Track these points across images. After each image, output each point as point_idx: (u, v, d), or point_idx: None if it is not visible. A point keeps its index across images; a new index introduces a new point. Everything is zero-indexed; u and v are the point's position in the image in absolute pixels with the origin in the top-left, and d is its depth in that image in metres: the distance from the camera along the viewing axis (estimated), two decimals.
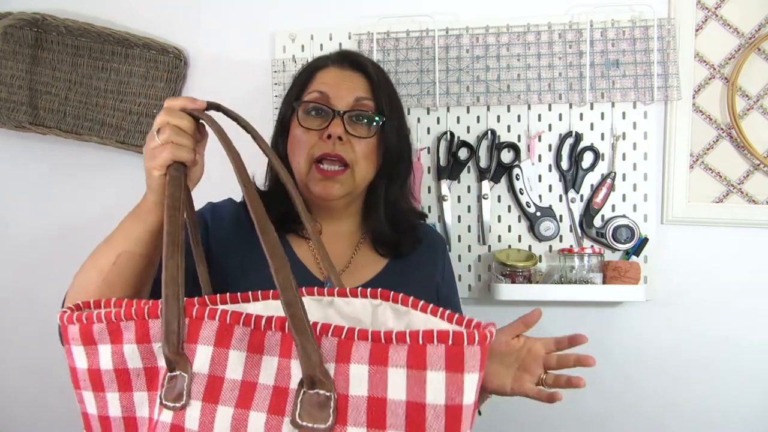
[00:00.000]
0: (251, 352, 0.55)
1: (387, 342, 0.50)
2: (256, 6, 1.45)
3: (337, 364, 0.51)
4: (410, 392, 0.49)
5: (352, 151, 0.92)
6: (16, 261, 1.52)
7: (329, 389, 0.51)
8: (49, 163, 1.50)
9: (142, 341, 0.58)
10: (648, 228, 1.33)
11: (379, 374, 0.50)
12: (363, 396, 0.50)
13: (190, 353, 0.56)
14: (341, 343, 0.52)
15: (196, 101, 0.71)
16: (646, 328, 1.36)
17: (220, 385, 0.54)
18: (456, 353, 0.48)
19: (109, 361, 0.59)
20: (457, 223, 1.38)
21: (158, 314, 0.57)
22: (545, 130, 1.36)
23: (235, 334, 0.55)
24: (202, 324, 0.56)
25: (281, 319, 0.54)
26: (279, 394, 0.53)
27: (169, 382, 0.56)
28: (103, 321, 0.59)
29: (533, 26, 1.35)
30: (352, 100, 0.93)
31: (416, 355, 0.49)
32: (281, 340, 0.54)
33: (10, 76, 1.44)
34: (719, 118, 1.33)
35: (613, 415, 1.37)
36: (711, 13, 1.32)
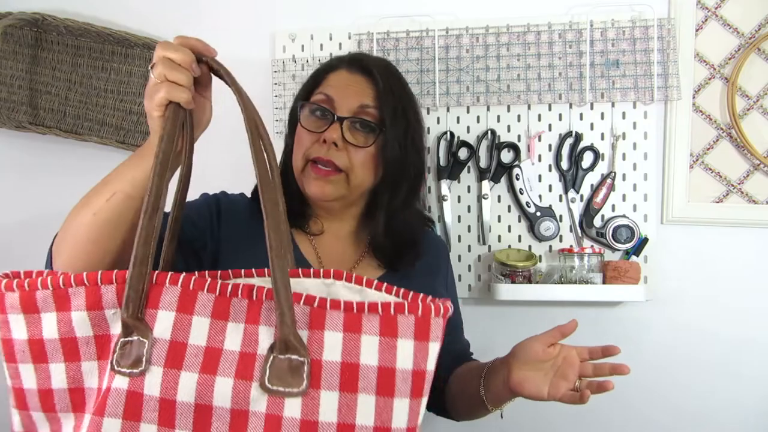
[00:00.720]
0: (216, 318, 0.55)
1: (359, 312, 0.53)
2: (256, 6, 1.45)
3: (310, 330, 0.54)
4: (382, 358, 0.53)
5: (347, 157, 0.90)
6: (16, 261, 1.52)
7: (303, 354, 0.53)
8: (49, 163, 1.50)
9: (94, 308, 0.56)
10: (648, 228, 1.33)
11: (353, 341, 0.53)
12: (336, 361, 0.53)
13: (150, 319, 0.55)
14: (314, 311, 0.54)
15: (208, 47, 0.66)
16: (646, 328, 1.36)
17: (183, 351, 0.54)
18: (424, 323, 0.53)
19: (54, 330, 0.56)
20: (457, 223, 1.38)
21: (112, 280, 0.55)
22: (545, 130, 1.36)
23: (199, 300, 0.55)
24: (163, 289, 0.55)
25: (248, 287, 0.55)
26: (246, 359, 0.53)
27: (122, 348, 0.55)
28: (49, 287, 0.56)
29: (533, 26, 1.35)
30: (356, 106, 0.92)
31: (388, 324, 0.53)
32: (248, 306, 0.55)
33: (10, 76, 1.44)
34: (719, 118, 1.33)
35: (613, 415, 1.37)
36: (711, 13, 1.32)
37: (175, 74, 0.63)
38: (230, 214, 0.95)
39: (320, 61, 1.40)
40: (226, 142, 1.46)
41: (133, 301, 0.54)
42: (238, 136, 0.65)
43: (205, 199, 0.97)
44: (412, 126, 0.97)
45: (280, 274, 0.53)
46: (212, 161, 1.39)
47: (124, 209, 0.68)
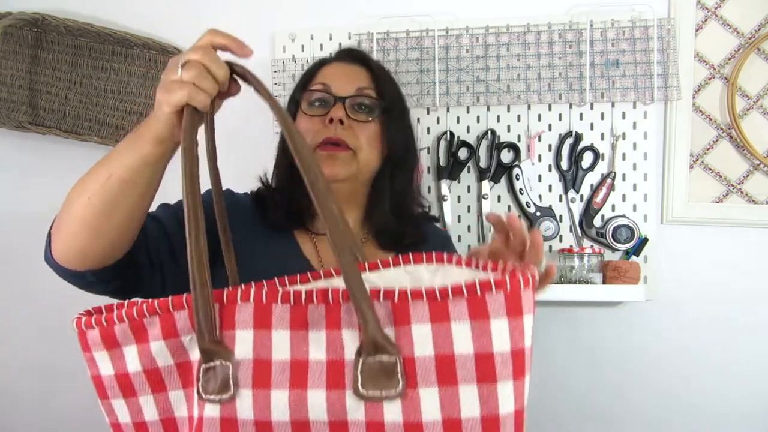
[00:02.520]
0: (295, 329, 0.52)
1: (443, 298, 0.49)
2: (256, 6, 1.45)
3: (396, 327, 0.50)
4: (477, 344, 0.49)
5: (355, 136, 0.92)
6: (15, 261, 1.52)
7: (393, 353, 0.50)
8: (49, 163, 1.50)
9: (170, 336, 0.55)
10: (648, 228, 1.33)
11: (443, 330, 0.49)
12: (430, 355, 0.49)
13: (229, 340, 0.53)
14: (396, 306, 0.50)
15: (245, 47, 0.63)
16: (646, 328, 1.36)
17: (269, 369, 0.52)
18: (515, 298, 0.49)
19: (137, 363, 0.55)
20: (457, 223, 1.38)
21: (183, 305, 0.54)
22: (545, 130, 1.36)
23: (275, 313, 0.53)
24: (236, 308, 0.53)
25: (322, 291, 0.52)
26: (335, 367, 0.51)
27: (206, 374, 0.53)
28: (125, 320, 0.55)
29: (533, 26, 1.35)
30: (353, 89, 0.94)
31: (477, 306, 0.49)
32: (326, 312, 0.52)
33: (10, 76, 1.44)
34: (719, 118, 1.33)
35: (613, 414, 1.37)
36: (711, 13, 1.32)
37: (206, 83, 0.60)
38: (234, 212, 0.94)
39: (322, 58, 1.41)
40: (222, 140, 1.47)
41: (205, 326, 0.52)
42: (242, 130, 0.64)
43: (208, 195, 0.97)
44: (405, 108, 1.02)
45: (350, 273, 0.50)
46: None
47: (119, 194, 0.67)
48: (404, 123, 1.01)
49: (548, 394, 1.38)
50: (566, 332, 1.38)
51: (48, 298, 1.48)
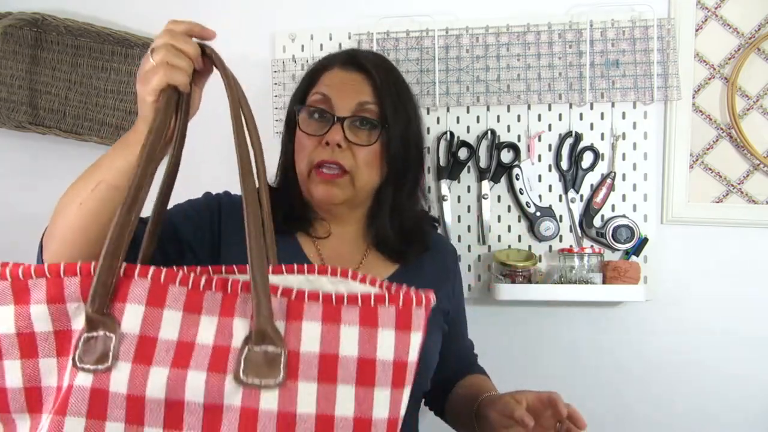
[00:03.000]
0: (188, 312, 0.53)
1: (338, 303, 0.52)
2: (256, 6, 1.45)
3: (288, 322, 0.52)
4: (362, 349, 0.52)
5: (352, 157, 0.89)
6: (16, 261, 1.52)
7: (279, 345, 0.51)
8: (49, 162, 1.50)
9: (55, 301, 0.53)
10: (648, 228, 1.33)
11: (332, 332, 0.52)
12: (314, 352, 0.52)
13: (118, 313, 0.52)
14: (292, 303, 0.53)
15: (206, 29, 0.65)
16: (646, 328, 1.36)
17: (153, 346, 0.52)
18: (406, 314, 0.52)
19: (11, 324, 0.53)
20: (457, 223, 1.38)
21: (76, 272, 0.53)
22: (545, 130, 1.36)
23: (170, 293, 0.53)
24: (132, 282, 0.53)
25: (222, 280, 0.54)
26: (219, 352, 0.52)
27: (86, 343, 0.52)
28: (8, 278, 0.53)
29: (533, 26, 1.35)
30: (354, 104, 0.90)
31: (368, 315, 0.52)
32: (222, 299, 0.53)
33: (10, 76, 1.44)
34: (719, 118, 1.33)
35: (612, 415, 1.37)
36: (711, 13, 1.32)
37: (178, 60, 0.61)
38: (231, 214, 0.94)
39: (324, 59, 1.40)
40: (222, 140, 1.47)
41: (100, 295, 0.51)
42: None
43: (207, 197, 0.97)
44: (411, 120, 0.96)
45: (257, 261, 0.52)
46: (207, 160, 1.39)
47: (109, 200, 0.66)
48: (409, 135, 0.95)
49: None
50: (566, 332, 1.38)
51: None
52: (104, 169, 0.67)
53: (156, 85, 0.60)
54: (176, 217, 0.88)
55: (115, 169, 0.66)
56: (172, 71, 0.60)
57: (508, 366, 1.39)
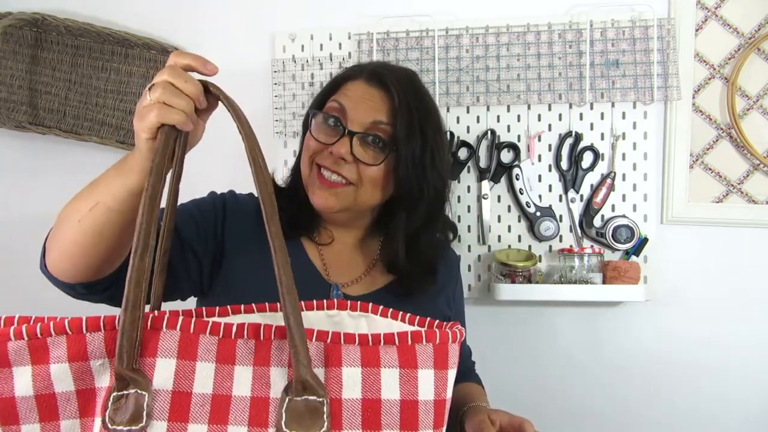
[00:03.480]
0: (222, 363, 0.51)
1: (375, 344, 0.51)
2: (256, 6, 1.45)
3: (327, 368, 0.51)
4: (404, 391, 0.51)
5: (356, 172, 0.87)
6: (16, 261, 1.52)
7: (321, 394, 0.50)
8: (49, 163, 1.50)
9: (77, 359, 0.50)
10: (648, 228, 1.33)
11: (373, 375, 0.51)
12: (357, 398, 0.51)
13: (148, 368, 0.50)
14: (328, 347, 0.51)
15: (207, 64, 0.62)
16: (646, 328, 1.36)
17: (188, 402, 0.50)
18: (442, 351, 0.52)
19: (29, 387, 0.49)
20: (457, 223, 1.38)
21: (99, 327, 0.50)
22: (545, 130, 1.36)
23: (201, 344, 0.51)
24: (160, 335, 0.50)
25: (253, 326, 0.52)
26: (259, 404, 0.50)
27: (116, 402, 0.49)
28: (24, 337, 0.49)
29: (533, 26, 1.35)
30: (368, 121, 0.88)
31: (407, 355, 0.51)
32: (255, 347, 0.52)
33: (10, 76, 1.44)
34: (719, 118, 1.33)
35: (612, 415, 1.37)
36: (711, 13, 1.32)
37: (174, 100, 0.59)
38: (236, 215, 0.93)
39: (320, 61, 1.40)
40: (233, 136, 1.47)
41: (127, 351, 0.49)
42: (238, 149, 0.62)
43: (212, 197, 0.96)
44: (429, 143, 0.90)
45: (292, 310, 0.50)
46: (211, 173, 1.39)
47: (106, 220, 0.67)
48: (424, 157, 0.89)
49: (547, 395, 1.38)
50: (566, 332, 1.38)
51: (49, 299, 1.48)
52: (102, 191, 0.67)
53: (150, 124, 0.59)
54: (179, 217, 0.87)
55: (112, 193, 0.66)
56: (168, 111, 0.58)
57: (508, 366, 1.39)
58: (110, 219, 0.67)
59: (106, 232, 0.68)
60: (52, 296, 1.60)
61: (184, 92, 0.60)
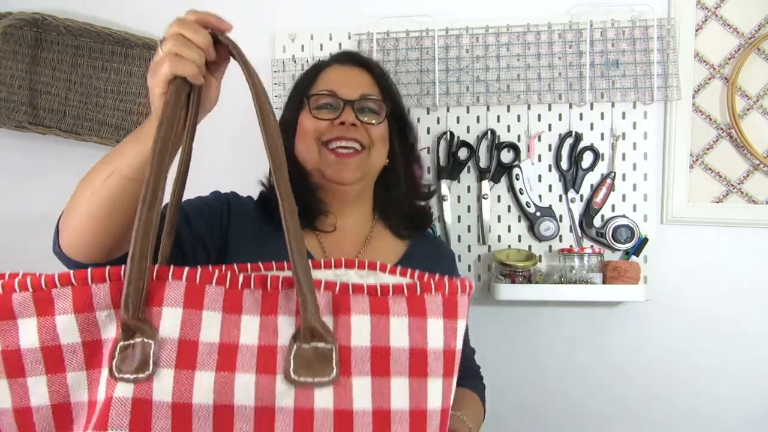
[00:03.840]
0: (228, 312, 0.51)
1: (384, 294, 0.51)
2: (256, 6, 1.45)
3: (335, 316, 0.51)
4: (413, 339, 0.51)
5: (367, 135, 0.95)
6: (16, 261, 1.52)
7: (330, 341, 0.50)
8: (49, 163, 1.50)
9: (83, 310, 0.50)
10: (648, 228, 1.33)
11: (382, 324, 0.51)
12: (365, 346, 0.50)
13: (154, 317, 0.49)
14: (337, 297, 0.51)
15: (222, 21, 0.63)
16: (646, 328, 1.36)
17: (195, 350, 0.49)
18: (451, 301, 0.52)
19: (34, 338, 0.49)
20: (457, 223, 1.38)
21: (105, 278, 0.50)
22: (545, 130, 1.36)
23: (208, 294, 0.51)
24: (166, 285, 0.50)
25: (260, 277, 0.52)
26: (266, 352, 0.50)
27: (123, 352, 0.49)
28: (29, 288, 0.49)
29: (533, 26, 1.35)
30: (358, 94, 0.96)
31: (416, 304, 0.51)
32: (262, 297, 0.52)
33: (10, 76, 1.44)
34: (719, 118, 1.33)
35: (612, 415, 1.37)
36: (711, 13, 1.32)
37: (186, 51, 0.59)
38: (239, 214, 0.96)
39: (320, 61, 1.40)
40: (232, 138, 1.47)
41: (133, 300, 0.49)
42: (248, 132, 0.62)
43: (216, 195, 0.98)
44: (402, 101, 1.06)
45: (298, 257, 0.50)
46: (218, 157, 1.39)
47: (121, 190, 0.66)
48: (404, 115, 1.06)
49: (547, 395, 1.38)
50: (566, 332, 1.38)
51: None
52: (117, 160, 0.66)
53: (163, 77, 0.58)
54: (189, 209, 0.89)
55: (127, 161, 0.65)
56: (179, 62, 0.58)
57: (508, 366, 1.39)
58: (125, 188, 0.66)
59: (120, 202, 0.67)
60: None
61: (194, 42, 0.60)
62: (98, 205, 0.67)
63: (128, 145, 0.67)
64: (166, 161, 0.53)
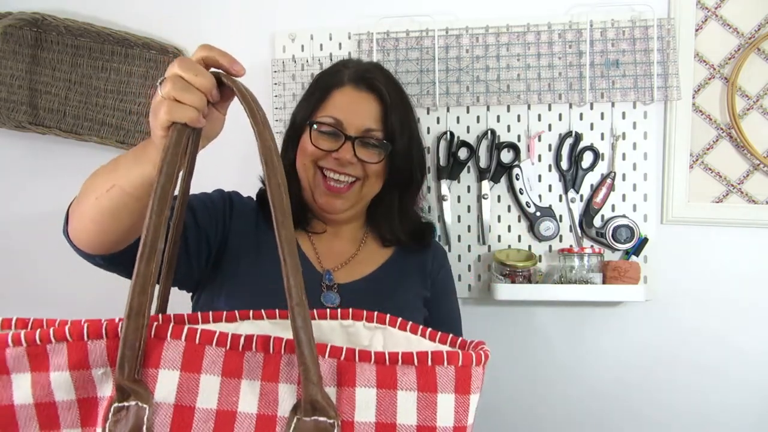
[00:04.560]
0: (228, 377, 0.49)
1: (392, 363, 0.48)
2: (256, 6, 1.45)
3: (339, 387, 0.48)
4: (421, 416, 0.48)
5: (362, 170, 0.95)
6: (16, 260, 1.52)
7: (332, 416, 0.47)
8: (49, 162, 1.50)
9: (78, 367, 0.48)
10: (648, 228, 1.33)
11: (389, 398, 0.48)
12: (371, 422, 0.48)
13: (150, 380, 0.48)
14: (342, 365, 0.48)
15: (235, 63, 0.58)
16: (646, 328, 1.36)
17: (191, 417, 0.48)
18: (465, 375, 0.48)
19: (28, 394, 0.48)
20: (457, 223, 1.38)
21: (101, 334, 0.48)
22: (545, 130, 1.36)
23: (207, 355, 0.48)
24: (164, 344, 0.48)
25: (263, 338, 0.49)
26: (265, 422, 0.48)
27: (116, 414, 0.47)
28: (23, 344, 0.48)
29: (533, 26, 1.35)
30: (364, 127, 0.95)
31: (426, 377, 0.48)
32: (264, 361, 0.49)
33: (10, 76, 1.44)
34: (719, 118, 1.33)
35: (612, 415, 1.37)
36: (711, 12, 1.32)
37: (185, 95, 0.55)
38: (241, 213, 0.98)
39: (320, 61, 1.40)
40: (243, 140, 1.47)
41: (129, 361, 0.47)
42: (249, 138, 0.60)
43: (220, 192, 1.00)
44: (414, 132, 1.03)
45: (302, 324, 0.47)
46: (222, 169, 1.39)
47: (122, 204, 0.67)
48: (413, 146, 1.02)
49: (547, 395, 1.38)
50: (566, 332, 1.38)
51: (49, 298, 1.48)
52: (121, 174, 0.66)
53: (162, 122, 0.56)
54: (195, 203, 0.91)
55: (129, 178, 0.65)
56: (178, 108, 0.55)
57: (508, 366, 1.39)
58: (125, 202, 0.67)
59: (121, 214, 0.68)
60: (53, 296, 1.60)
61: (195, 86, 0.56)
62: (100, 211, 0.68)
63: (131, 162, 0.66)
64: (165, 211, 0.50)
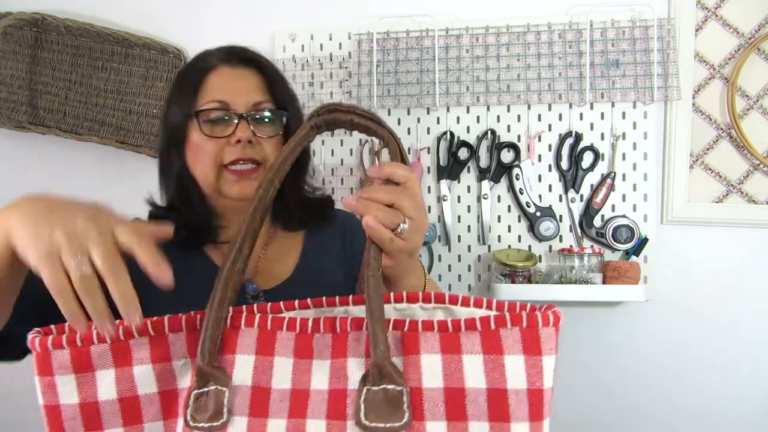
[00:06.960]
0: (299, 358, 0.51)
1: (456, 330, 0.48)
2: (256, 6, 1.45)
3: (405, 356, 0.48)
4: (490, 378, 0.47)
5: (262, 150, 0.87)
6: None
7: (400, 383, 0.47)
8: (49, 163, 1.50)
9: (160, 359, 0.51)
10: (648, 228, 1.33)
11: (454, 363, 0.47)
12: (438, 387, 0.47)
13: (228, 365, 0.50)
14: (405, 335, 0.49)
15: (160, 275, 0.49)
16: (646, 328, 1.36)
17: (267, 397, 0.50)
18: (532, 336, 0.47)
19: (113, 390, 0.50)
20: (457, 223, 1.38)
21: (181, 327, 0.51)
22: (545, 130, 1.36)
23: (279, 340, 0.51)
24: (239, 332, 0.51)
25: (329, 320, 0.51)
26: (337, 397, 0.49)
27: (197, 401, 0.50)
28: (106, 340, 0.50)
29: (533, 26, 1.35)
30: (251, 102, 0.87)
31: (491, 341, 0.47)
32: (332, 341, 0.51)
33: (10, 76, 1.44)
34: (719, 118, 1.33)
35: (612, 415, 1.37)
36: (711, 13, 1.32)
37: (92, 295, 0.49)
38: None
39: (320, 61, 1.40)
40: None
41: (209, 348, 0.49)
42: None
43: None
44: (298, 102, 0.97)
45: (375, 294, 0.49)
46: None
47: None
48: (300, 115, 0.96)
49: None
50: (566, 332, 1.38)
51: None
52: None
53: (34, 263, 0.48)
54: None
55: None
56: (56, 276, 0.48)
57: None
58: None
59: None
60: None
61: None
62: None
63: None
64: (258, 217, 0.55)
